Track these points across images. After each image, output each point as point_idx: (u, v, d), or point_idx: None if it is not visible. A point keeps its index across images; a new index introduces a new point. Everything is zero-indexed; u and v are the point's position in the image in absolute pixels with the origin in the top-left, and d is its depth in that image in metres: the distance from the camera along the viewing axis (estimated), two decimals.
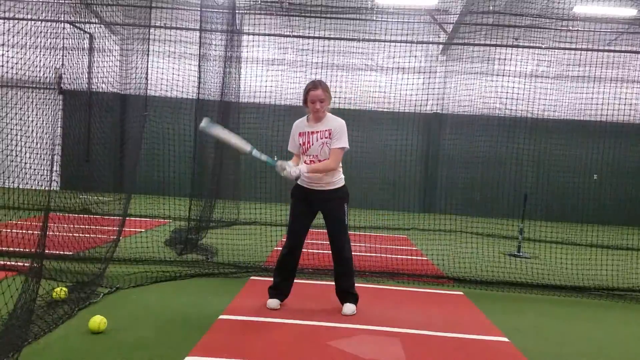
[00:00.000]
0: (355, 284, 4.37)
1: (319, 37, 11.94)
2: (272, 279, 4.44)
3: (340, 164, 4.25)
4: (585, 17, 12.48)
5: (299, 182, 4.28)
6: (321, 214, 4.31)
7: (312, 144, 4.14)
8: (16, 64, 3.40)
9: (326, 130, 4.13)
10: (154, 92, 8.20)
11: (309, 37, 12.47)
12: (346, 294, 4.31)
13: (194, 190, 7.01)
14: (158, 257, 5.84)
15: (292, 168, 4.00)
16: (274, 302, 4.28)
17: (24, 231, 5.65)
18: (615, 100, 12.77)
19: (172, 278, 5.06)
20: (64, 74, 4.79)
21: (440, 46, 14.33)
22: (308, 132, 4.17)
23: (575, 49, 10.33)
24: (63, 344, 3.23)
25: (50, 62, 3.42)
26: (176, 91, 10.30)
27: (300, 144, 4.21)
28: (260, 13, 11.74)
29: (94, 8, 6.58)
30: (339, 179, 4.24)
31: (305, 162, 4.19)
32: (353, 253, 4.34)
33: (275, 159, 4.04)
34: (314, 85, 4.11)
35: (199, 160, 7.32)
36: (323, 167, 4.09)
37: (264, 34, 12.19)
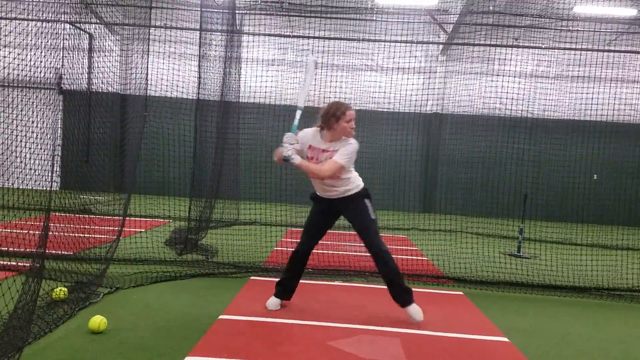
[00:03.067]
0: (355, 284, 4.36)
1: (319, 37, 11.94)
2: (271, 278, 4.44)
3: (354, 170, 4.16)
4: (585, 17, 12.48)
5: (317, 192, 4.19)
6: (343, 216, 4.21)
7: (319, 161, 4.01)
8: (17, 64, 3.40)
9: (337, 150, 3.99)
10: (154, 92, 8.20)
11: (308, 37, 12.48)
12: (401, 291, 4.11)
13: (194, 190, 7.01)
14: (158, 257, 5.84)
15: (291, 152, 3.87)
16: (274, 303, 4.27)
17: (24, 231, 5.66)
18: (615, 100, 12.78)
19: (172, 278, 5.07)
20: (64, 74, 4.80)
21: (440, 46, 14.34)
22: (320, 149, 4.02)
23: (575, 49, 10.32)
24: (63, 344, 3.23)
25: (50, 62, 3.42)
26: (176, 91, 10.30)
27: (307, 157, 4.05)
28: (260, 13, 11.74)
29: (94, 8, 6.59)
30: (354, 187, 4.11)
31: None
32: (353, 253, 4.34)
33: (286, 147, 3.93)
34: (348, 105, 3.99)
35: (199, 160, 7.33)
36: (314, 170, 3.92)
37: (264, 34, 12.19)
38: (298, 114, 4.02)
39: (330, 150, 3.99)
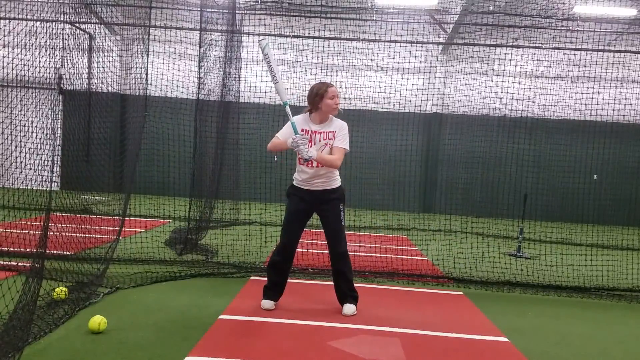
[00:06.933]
0: (355, 284, 4.37)
1: (318, 37, 11.95)
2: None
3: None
4: (585, 17, 12.49)
5: (295, 183, 4.27)
6: (317, 214, 4.29)
7: (314, 144, 4.13)
8: (16, 64, 3.40)
9: (330, 132, 4.13)
10: (154, 92, 8.19)
11: (308, 37, 12.48)
12: (346, 294, 4.30)
13: (194, 190, 7.01)
14: (158, 257, 5.84)
15: (308, 148, 4.00)
16: (268, 303, 4.26)
17: (24, 231, 5.66)
18: (615, 100, 12.78)
19: (172, 278, 5.07)
20: (64, 74, 4.79)
21: (440, 46, 14.34)
22: (312, 130, 4.14)
23: (575, 49, 10.33)
24: (63, 344, 3.23)
25: (50, 62, 3.42)
26: (176, 91, 10.31)
27: None
28: (260, 13, 11.74)
29: (94, 8, 6.59)
30: (335, 180, 4.22)
31: (299, 160, 4.16)
32: (354, 253, 4.34)
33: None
34: (329, 83, 4.16)
35: (199, 160, 7.32)
36: (330, 160, 4.06)
37: (264, 34, 12.18)
38: (288, 109, 4.10)
39: (323, 131, 4.15)
